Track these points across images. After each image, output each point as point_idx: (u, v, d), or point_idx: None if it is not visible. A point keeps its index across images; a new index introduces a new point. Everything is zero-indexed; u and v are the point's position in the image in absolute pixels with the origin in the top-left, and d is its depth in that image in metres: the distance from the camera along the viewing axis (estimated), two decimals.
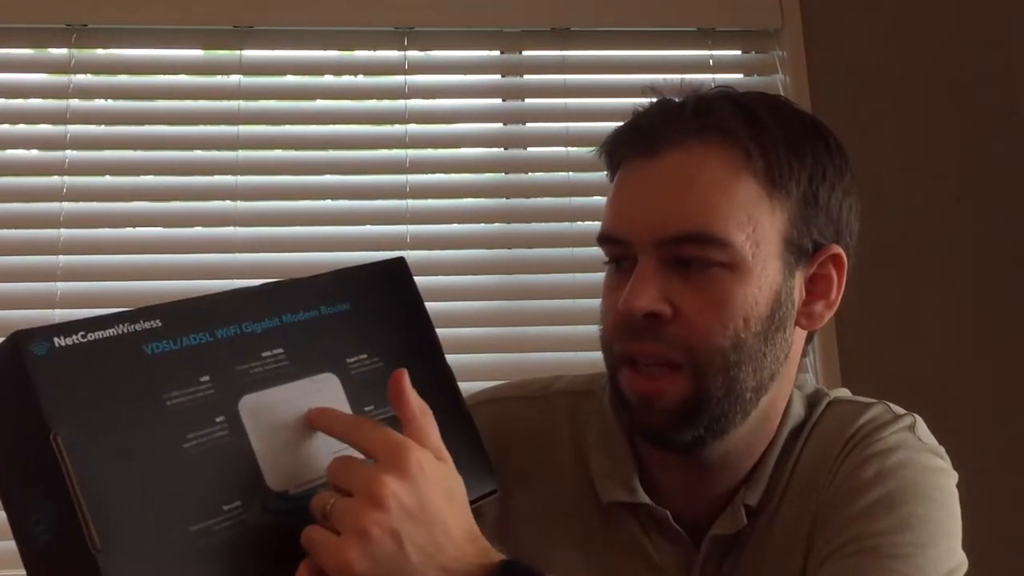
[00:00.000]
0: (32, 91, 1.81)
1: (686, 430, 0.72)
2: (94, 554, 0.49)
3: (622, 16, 1.86)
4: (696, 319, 0.70)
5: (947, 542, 0.71)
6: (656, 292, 0.70)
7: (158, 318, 0.56)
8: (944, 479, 0.75)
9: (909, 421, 0.78)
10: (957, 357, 1.78)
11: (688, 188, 0.71)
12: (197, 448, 0.55)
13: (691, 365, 0.71)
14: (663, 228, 0.71)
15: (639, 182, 0.74)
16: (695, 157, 0.72)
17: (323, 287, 0.65)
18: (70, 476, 0.50)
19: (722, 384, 0.71)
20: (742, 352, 0.71)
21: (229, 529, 0.54)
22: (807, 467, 0.78)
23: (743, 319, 0.71)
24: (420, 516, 0.56)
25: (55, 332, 0.52)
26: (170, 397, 0.55)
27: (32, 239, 1.72)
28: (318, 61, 1.83)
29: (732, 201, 0.71)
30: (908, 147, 1.84)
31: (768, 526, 0.77)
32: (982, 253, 1.82)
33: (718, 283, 0.71)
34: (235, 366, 0.58)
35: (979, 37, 1.90)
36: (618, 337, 0.73)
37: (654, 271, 0.71)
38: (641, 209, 0.72)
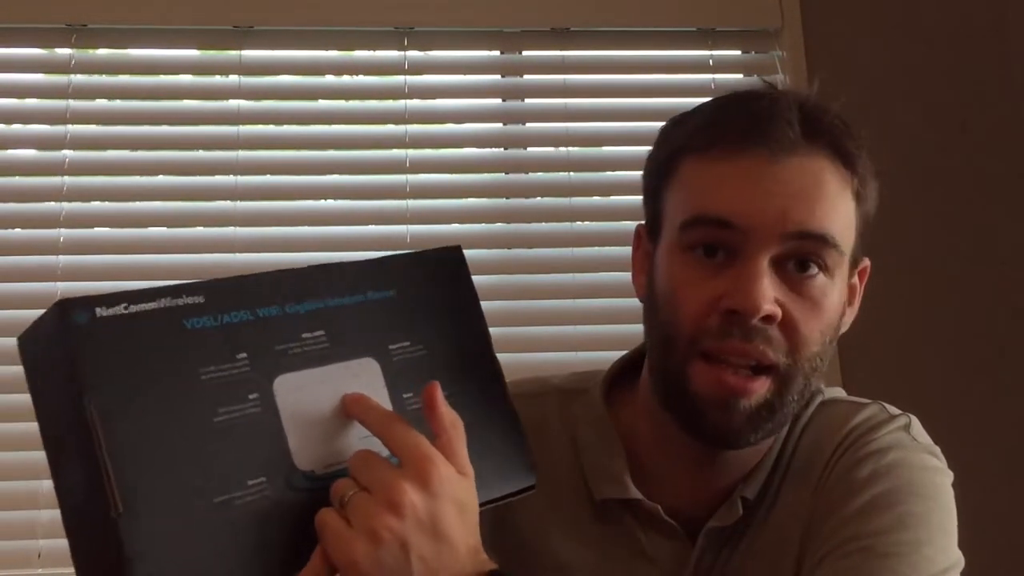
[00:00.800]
0: (32, 91, 1.81)
1: (757, 431, 0.73)
2: (115, 517, 0.51)
3: (622, 16, 1.86)
4: (800, 324, 0.71)
5: (943, 540, 0.71)
6: (772, 294, 0.70)
7: (201, 294, 0.58)
8: (939, 478, 0.75)
9: (904, 421, 0.79)
10: (957, 357, 1.78)
11: (816, 192, 0.72)
12: (227, 423, 0.56)
13: (785, 369, 0.71)
14: (793, 223, 0.71)
15: (760, 176, 0.72)
16: (815, 166, 0.73)
17: (369, 272, 0.65)
18: (99, 441, 0.51)
19: (801, 387, 0.73)
20: (823, 356, 0.74)
21: (252, 503, 0.55)
22: (801, 464, 0.78)
23: (829, 324, 0.74)
24: (431, 530, 0.57)
25: (98, 302, 0.54)
26: (205, 372, 0.56)
27: (32, 239, 1.72)
28: (318, 61, 1.84)
29: (842, 212, 0.73)
30: (908, 147, 1.84)
31: (763, 521, 0.78)
32: (982, 253, 1.82)
33: (819, 289, 0.72)
34: (274, 346, 0.59)
35: (978, 37, 1.90)
36: (711, 333, 0.71)
37: (767, 270, 0.71)
38: (769, 201, 0.71)
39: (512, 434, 0.68)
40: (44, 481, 1.61)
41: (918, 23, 1.90)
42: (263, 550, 0.55)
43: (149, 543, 0.51)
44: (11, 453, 1.62)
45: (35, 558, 1.59)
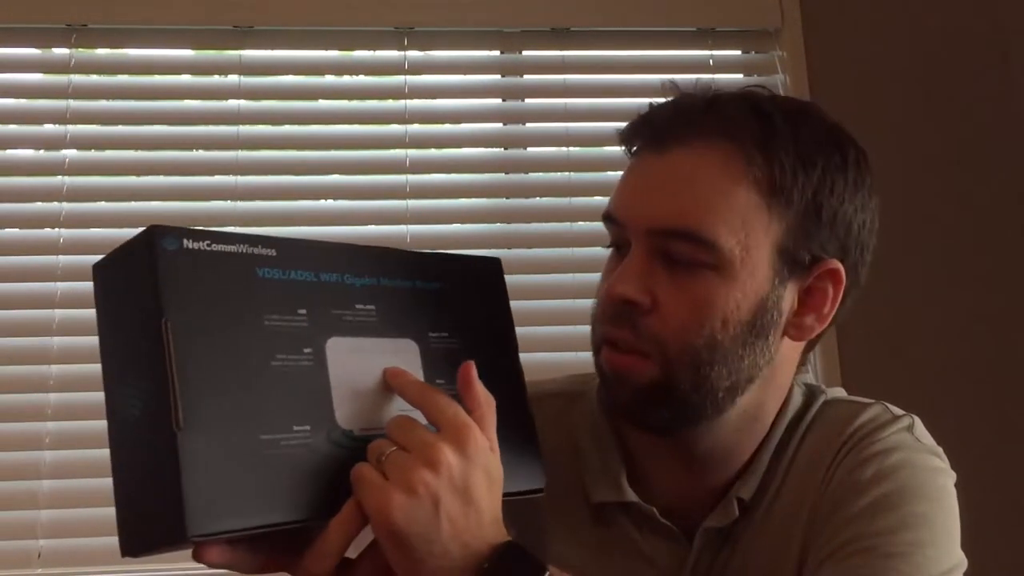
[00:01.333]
0: (32, 91, 1.81)
1: (653, 411, 0.74)
2: (175, 431, 0.54)
3: (622, 16, 1.86)
4: (673, 315, 0.71)
5: (946, 541, 0.71)
6: (639, 282, 0.72)
7: (275, 248, 0.62)
8: (943, 479, 0.75)
9: (907, 422, 0.79)
10: (957, 358, 1.78)
11: (685, 186, 0.72)
12: (282, 368, 0.59)
13: (660, 357, 0.72)
14: (655, 219, 0.72)
15: (643, 172, 0.75)
16: (698, 157, 0.72)
17: (422, 263, 0.70)
18: (171, 359, 0.55)
19: (690, 379, 0.72)
20: (715, 353, 0.71)
21: (295, 447, 0.58)
22: (803, 464, 0.78)
23: (721, 321, 0.71)
24: (462, 493, 0.59)
25: (187, 234, 0.58)
26: (269, 318, 0.60)
27: (32, 239, 1.72)
28: (318, 61, 1.84)
29: (727, 205, 0.71)
30: (908, 147, 1.84)
31: (762, 521, 0.77)
32: (982, 253, 1.83)
33: (702, 283, 0.71)
34: (331, 309, 0.63)
35: (978, 36, 1.90)
36: (600, 319, 0.75)
37: (643, 261, 0.72)
38: (639, 197, 0.74)
39: (528, 437, 0.72)
40: (44, 481, 1.61)
41: (918, 23, 1.90)
42: (300, 493, 0.58)
43: (201, 461, 0.54)
44: (11, 453, 1.62)
45: (35, 558, 1.59)
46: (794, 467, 0.79)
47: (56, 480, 1.61)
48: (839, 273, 0.74)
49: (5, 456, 1.62)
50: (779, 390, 0.79)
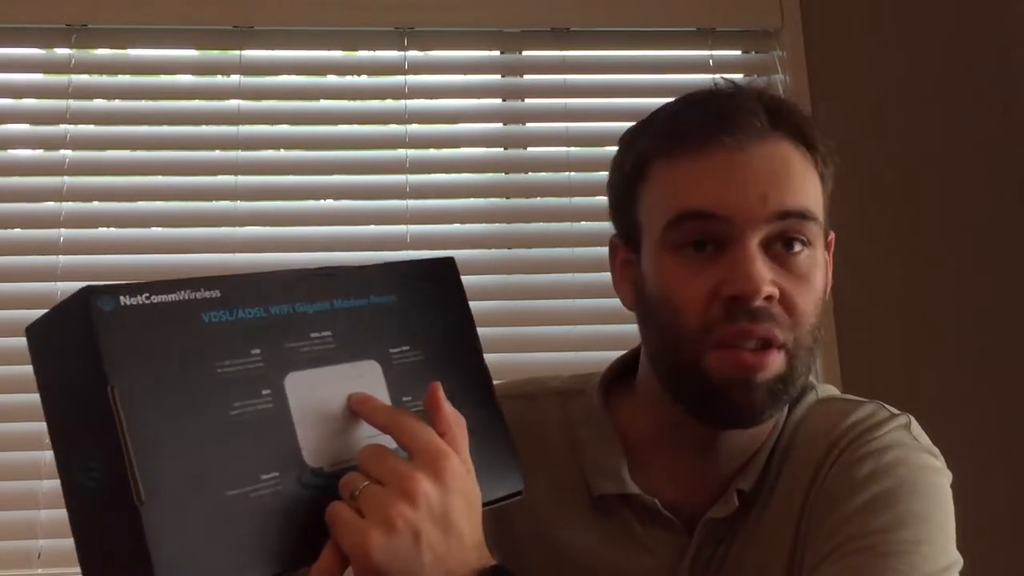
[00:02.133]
0: (32, 91, 1.81)
1: (774, 406, 0.75)
2: (137, 505, 0.51)
3: (622, 16, 1.86)
4: (797, 300, 0.73)
5: (943, 540, 0.72)
6: (768, 275, 0.72)
7: (218, 288, 0.59)
8: (939, 478, 0.76)
9: (904, 420, 0.79)
10: (957, 357, 1.78)
11: (788, 173, 0.75)
12: (242, 416, 0.57)
13: (793, 344, 0.73)
14: (772, 204, 0.73)
15: (733, 166, 0.74)
16: (780, 149, 0.76)
17: (373, 277, 0.67)
18: (122, 428, 0.52)
19: (806, 361, 0.75)
20: (820, 329, 0.76)
21: (265, 497, 0.56)
22: (797, 459, 0.79)
23: (820, 297, 0.76)
24: (442, 522, 0.58)
25: (123, 291, 0.55)
26: (221, 365, 0.57)
27: (32, 239, 1.72)
28: (318, 61, 1.84)
29: (814, 189, 0.77)
30: (908, 146, 1.84)
31: (760, 513, 0.78)
32: (982, 252, 1.82)
33: (806, 265, 0.75)
34: (285, 343, 0.60)
35: (978, 36, 1.90)
36: (717, 321, 0.72)
37: (759, 253, 0.73)
38: (747, 187, 0.73)
39: (503, 440, 0.69)
40: (44, 481, 1.61)
41: (918, 23, 1.90)
42: (275, 543, 0.56)
43: (169, 532, 0.52)
44: (11, 453, 1.62)
45: (35, 558, 1.59)
46: (788, 462, 0.79)
47: (56, 480, 1.60)
48: (833, 241, 0.82)
49: (5, 456, 1.62)
50: None
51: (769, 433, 0.80)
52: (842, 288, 1.73)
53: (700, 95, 0.80)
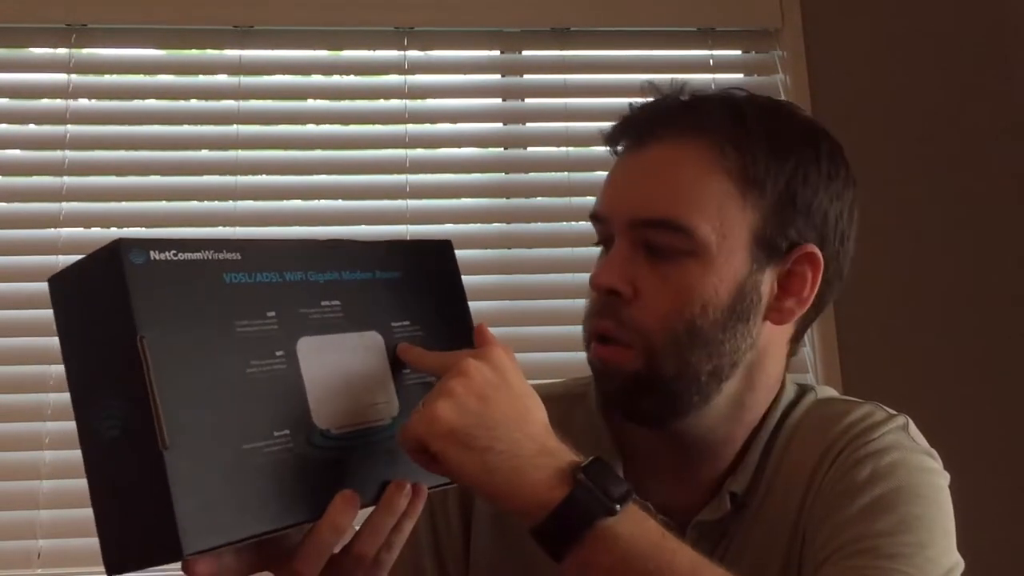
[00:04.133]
0: (32, 91, 1.81)
1: (640, 401, 0.75)
2: (162, 451, 0.53)
3: (622, 16, 1.86)
4: (654, 303, 0.74)
5: (944, 542, 0.72)
6: (621, 272, 0.74)
7: (238, 251, 0.61)
8: (938, 480, 0.76)
9: (901, 421, 0.79)
10: (957, 358, 1.78)
11: (662, 178, 0.75)
12: (258, 375, 0.59)
13: (644, 346, 0.74)
14: (635, 211, 0.75)
15: (625, 169, 0.79)
16: (674, 151, 0.76)
17: (380, 253, 0.70)
18: (150, 377, 0.54)
19: (673, 366, 0.74)
20: (696, 337, 0.73)
21: (278, 453, 0.58)
22: (793, 460, 0.79)
23: (700, 306, 0.73)
24: (504, 385, 0.61)
25: (152, 246, 0.57)
26: (240, 324, 0.59)
27: (32, 239, 1.72)
28: (318, 61, 1.84)
29: (701, 194, 0.74)
30: (908, 146, 1.84)
31: (755, 518, 0.78)
32: (982, 252, 1.82)
33: (681, 270, 0.74)
34: (297, 308, 0.63)
35: (978, 36, 1.90)
36: (588, 313, 0.78)
37: (624, 253, 0.75)
38: (620, 193, 0.78)
39: None
40: (44, 481, 1.61)
41: (918, 23, 1.90)
42: (285, 499, 0.58)
43: (190, 478, 0.54)
44: (11, 453, 1.62)
45: (35, 558, 1.59)
46: (785, 463, 0.79)
47: (56, 480, 1.61)
48: (816, 257, 0.77)
49: (5, 456, 1.62)
50: (767, 379, 0.80)
51: (758, 431, 0.80)
52: None
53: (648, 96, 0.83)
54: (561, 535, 0.59)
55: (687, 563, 0.60)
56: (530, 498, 0.59)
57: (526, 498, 0.59)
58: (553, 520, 0.59)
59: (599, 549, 0.59)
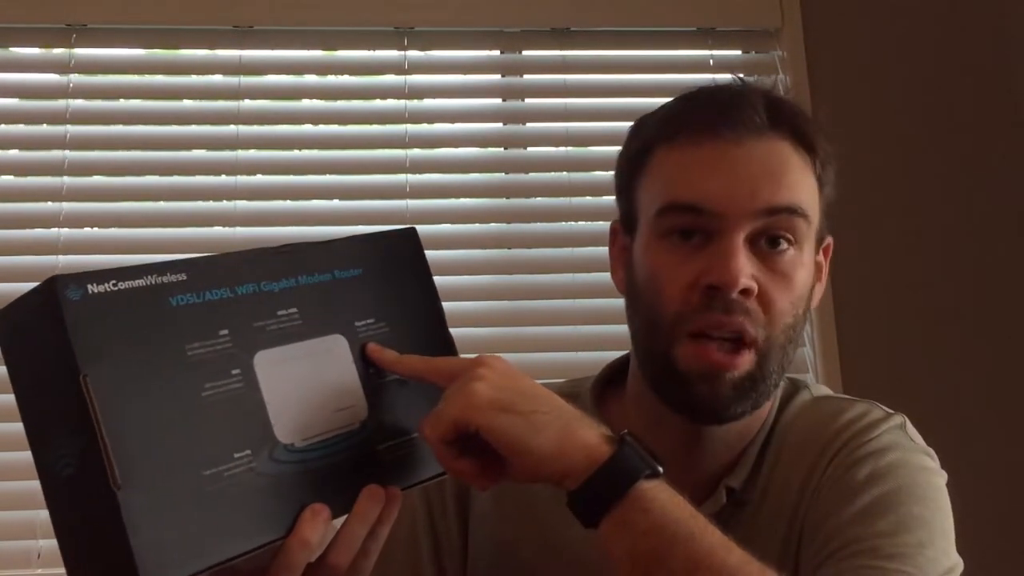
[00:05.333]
0: (32, 91, 1.81)
1: (743, 403, 0.75)
2: (115, 490, 0.52)
3: (622, 16, 1.86)
4: (774, 297, 0.74)
5: (943, 542, 0.71)
6: (748, 268, 0.73)
7: (183, 272, 0.59)
8: (937, 479, 0.76)
9: (899, 420, 0.79)
10: (958, 357, 1.78)
11: (782, 169, 0.76)
12: (213, 397, 0.57)
13: (764, 341, 0.74)
14: (761, 199, 0.74)
15: (726, 160, 0.76)
16: (777, 147, 0.77)
17: (337, 252, 0.68)
18: (96, 416, 0.52)
19: (779, 359, 0.75)
20: (796, 331, 0.76)
21: (240, 475, 0.57)
22: (792, 458, 0.79)
23: (800, 297, 0.76)
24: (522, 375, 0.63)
25: (89, 279, 0.55)
26: (191, 348, 0.57)
27: (32, 239, 1.72)
28: (318, 61, 1.83)
29: (808, 187, 0.77)
30: (908, 146, 1.84)
31: (751, 514, 0.78)
32: (982, 251, 1.82)
33: (789, 263, 0.75)
34: (252, 322, 0.61)
35: (978, 36, 1.90)
36: (694, 313, 0.74)
37: (742, 248, 0.73)
38: (738, 182, 0.75)
39: None
40: None
41: (918, 22, 1.90)
42: (250, 519, 0.57)
43: (147, 515, 0.52)
44: (11, 453, 1.62)
45: (35, 558, 1.59)
46: (782, 460, 0.79)
47: None
48: (831, 246, 0.83)
49: (5, 456, 1.62)
50: None
51: (758, 430, 0.80)
52: (842, 288, 1.74)
53: (709, 88, 0.81)
54: (604, 493, 0.60)
55: (718, 537, 0.61)
56: (579, 454, 0.60)
57: (575, 455, 0.60)
58: (598, 477, 0.60)
59: (638, 508, 0.60)
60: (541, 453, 0.60)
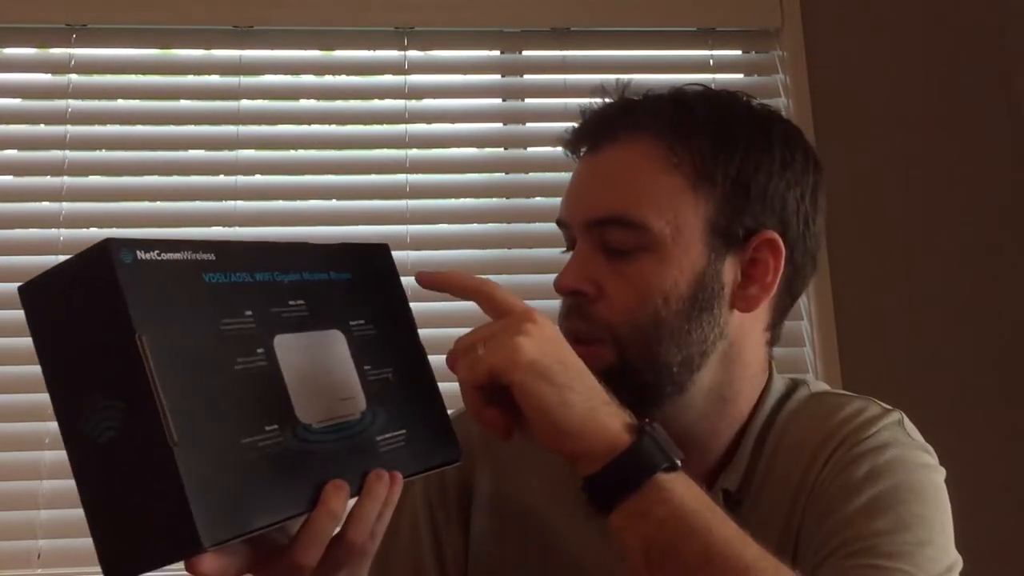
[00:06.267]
0: (32, 91, 1.81)
1: (626, 393, 0.74)
2: (171, 447, 0.53)
3: (622, 16, 1.86)
4: (617, 299, 0.76)
5: (943, 540, 0.71)
6: (581, 272, 0.77)
7: (212, 252, 0.62)
8: (936, 476, 0.76)
9: (896, 417, 0.79)
10: (957, 356, 1.78)
11: (614, 178, 0.78)
12: (245, 372, 0.60)
13: (612, 341, 0.76)
14: (590, 211, 0.78)
15: (581, 173, 0.82)
16: (624, 151, 0.78)
17: (331, 255, 0.71)
18: (152, 375, 0.54)
19: (643, 357, 0.75)
20: (661, 329, 0.75)
21: (271, 447, 0.59)
22: (788, 455, 0.79)
23: (663, 298, 0.75)
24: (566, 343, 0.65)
25: (138, 245, 0.57)
26: (224, 323, 0.60)
27: (32, 239, 1.72)
28: (318, 61, 1.84)
29: (653, 190, 0.76)
30: (908, 146, 1.84)
31: (749, 513, 0.78)
32: (982, 251, 1.82)
33: (640, 266, 0.76)
34: (270, 308, 0.64)
35: (978, 36, 1.90)
36: (559, 315, 0.79)
37: (585, 253, 0.78)
38: (577, 196, 0.81)
39: (441, 413, 0.73)
40: (44, 481, 1.61)
41: (918, 23, 1.90)
42: (285, 489, 0.59)
43: (199, 472, 0.54)
44: (11, 453, 1.62)
45: (35, 558, 1.59)
46: (779, 458, 0.79)
47: (56, 480, 1.61)
48: (776, 243, 0.77)
49: (5, 456, 1.62)
50: (746, 369, 0.80)
51: (747, 426, 0.80)
52: (842, 288, 1.74)
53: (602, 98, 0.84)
54: (621, 481, 0.61)
55: (734, 530, 0.61)
56: (600, 439, 0.62)
57: (596, 439, 0.62)
58: (617, 464, 0.61)
59: (655, 500, 0.61)
60: (563, 428, 0.62)
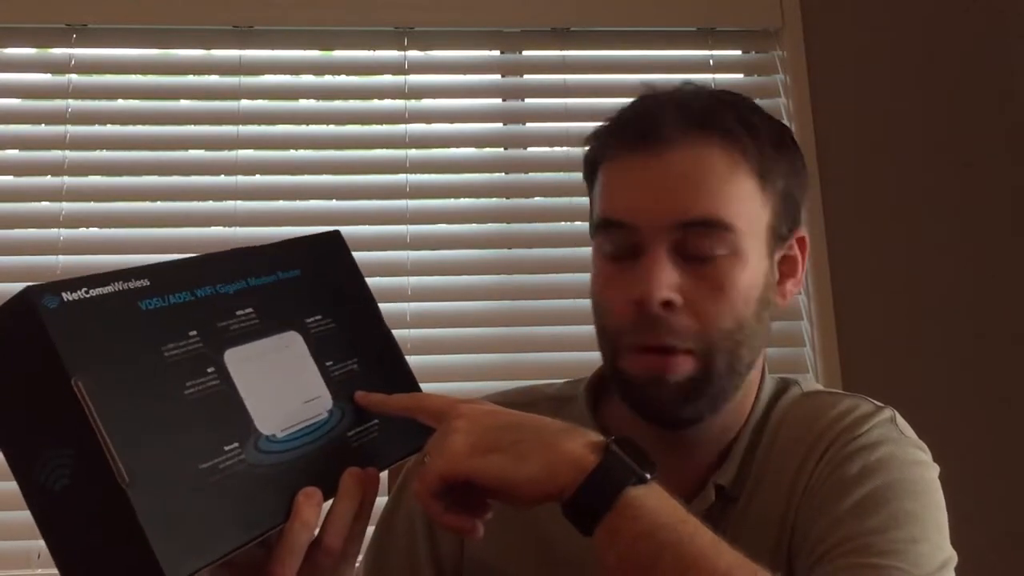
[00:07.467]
0: (32, 91, 1.81)
1: (690, 407, 0.76)
2: (124, 488, 0.52)
3: (622, 16, 1.86)
4: (703, 307, 0.74)
5: (937, 537, 0.71)
6: (669, 281, 0.73)
7: (146, 277, 0.61)
8: (929, 473, 0.76)
9: (889, 414, 0.79)
10: (958, 357, 1.78)
11: (699, 179, 0.75)
12: (197, 395, 0.59)
13: (701, 350, 0.74)
14: (677, 213, 0.74)
15: (647, 173, 0.77)
16: (700, 153, 0.76)
17: (277, 254, 0.71)
18: (94, 417, 0.53)
19: (726, 363, 0.75)
20: (743, 332, 0.76)
21: (233, 466, 0.59)
22: (782, 454, 0.79)
23: (743, 302, 0.75)
24: (501, 410, 0.65)
25: (63, 287, 0.56)
26: (167, 349, 0.59)
27: (32, 239, 1.72)
28: (318, 61, 1.84)
29: (734, 193, 0.76)
30: (908, 146, 1.84)
31: (742, 510, 0.78)
32: (982, 252, 1.82)
33: (721, 270, 0.75)
34: (216, 323, 0.63)
35: (978, 36, 1.90)
36: (630, 327, 0.76)
37: (663, 260, 0.74)
38: (654, 197, 0.75)
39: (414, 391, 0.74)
40: None
41: (918, 22, 1.90)
42: (251, 507, 0.58)
43: (157, 509, 0.53)
44: None
45: (35, 558, 1.59)
46: (772, 456, 0.79)
47: None
48: (805, 240, 0.83)
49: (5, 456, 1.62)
50: (762, 361, 0.82)
51: (743, 427, 0.80)
52: (842, 288, 1.74)
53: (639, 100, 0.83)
54: (594, 502, 0.61)
55: (708, 539, 0.61)
56: (567, 468, 0.61)
57: (563, 469, 0.61)
58: (587, 487, 0.61)
59: (628, 516, 0.60)
60: (531, 479, 0.61)
